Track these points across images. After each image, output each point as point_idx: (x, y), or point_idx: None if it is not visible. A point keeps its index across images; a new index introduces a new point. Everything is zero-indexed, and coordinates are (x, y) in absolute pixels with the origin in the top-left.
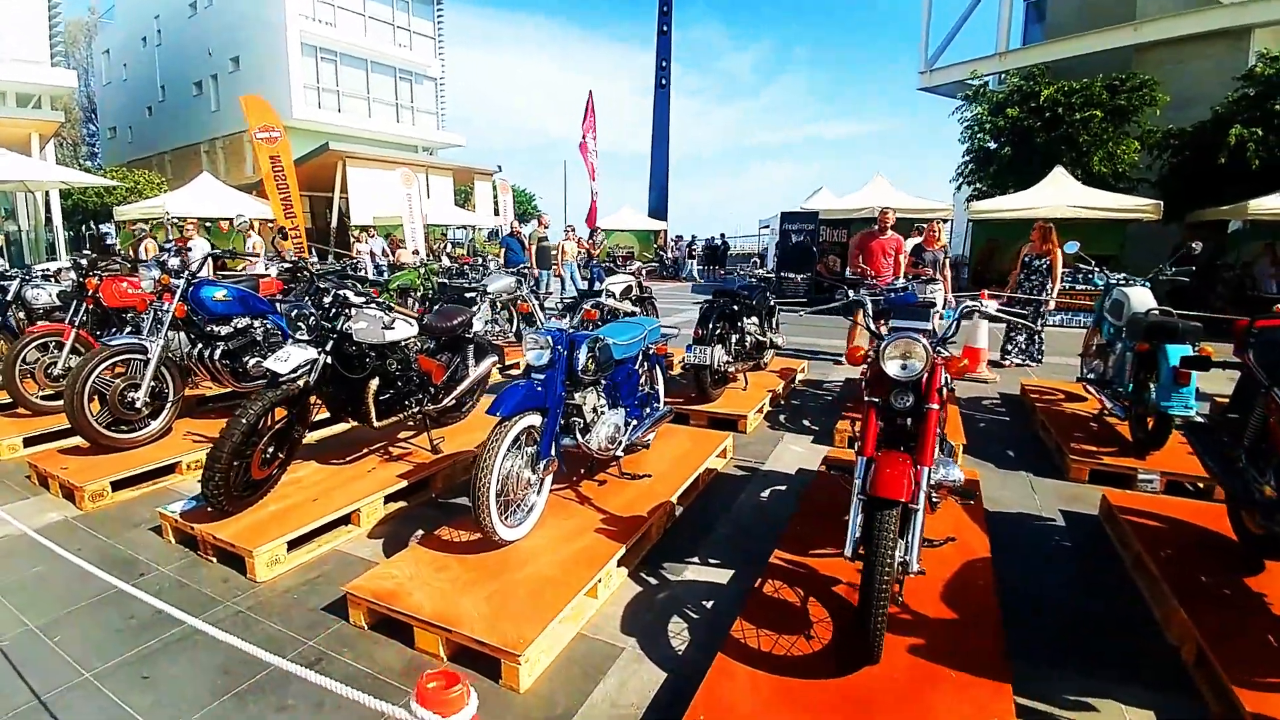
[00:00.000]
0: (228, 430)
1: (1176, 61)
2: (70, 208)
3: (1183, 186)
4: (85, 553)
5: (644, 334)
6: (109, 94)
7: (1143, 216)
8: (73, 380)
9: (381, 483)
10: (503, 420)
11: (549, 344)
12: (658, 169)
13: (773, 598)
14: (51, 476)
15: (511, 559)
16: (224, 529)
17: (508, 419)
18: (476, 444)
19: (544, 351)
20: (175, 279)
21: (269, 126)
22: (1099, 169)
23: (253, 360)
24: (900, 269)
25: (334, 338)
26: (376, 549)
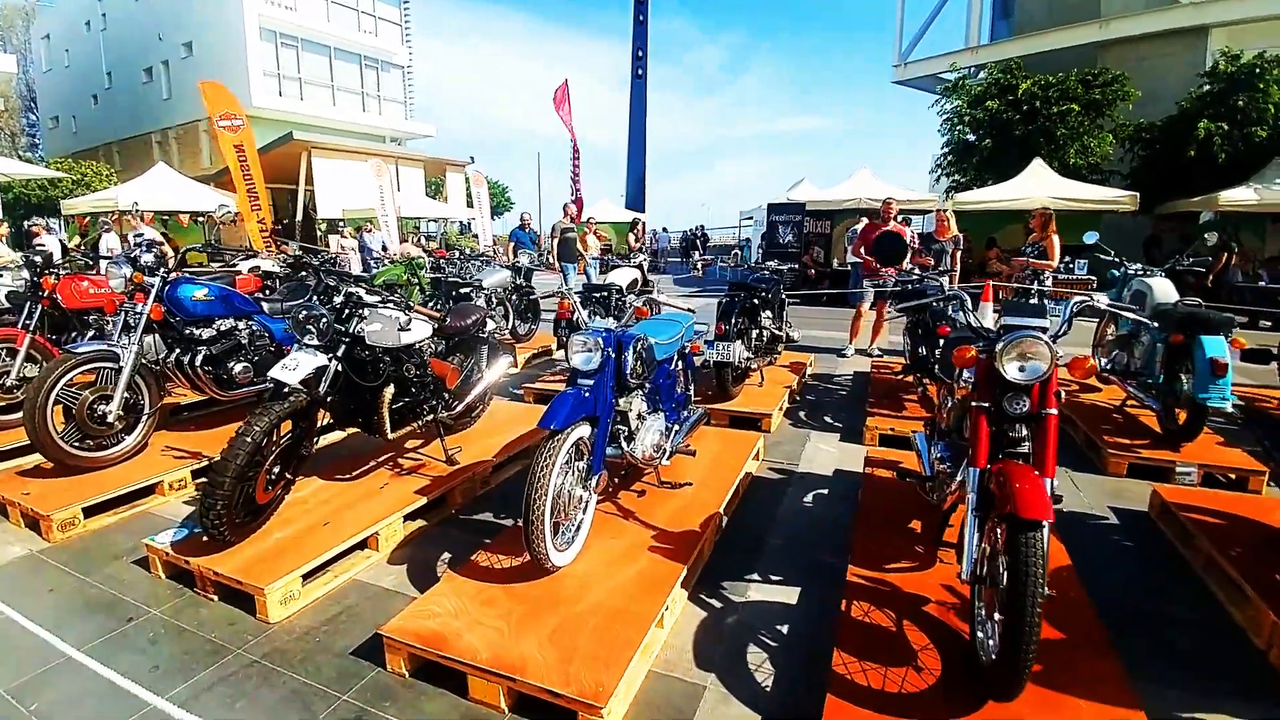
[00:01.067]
0: (230, 451)
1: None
2: (11, 201)
3: (1154, 179)
4: (59, 595)
5: (682, 332)
6: (50, 82)
7: (1119, 208)
8: (34, 392)
9: (398, 501)
10: (555, 433)
11: (599, 346)
12: (635, 161)
13: (863, 623)
14: (11, 504)
15: (565, 588)
16: (226, 562)
17: (560, 431)
18: (494, 452)
19: (593, 355)
20: (149, 277)
21: (231, 114)
22: (1075, 161)
23: (238, 366)
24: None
25: (346, 342)
26: (400, 577)
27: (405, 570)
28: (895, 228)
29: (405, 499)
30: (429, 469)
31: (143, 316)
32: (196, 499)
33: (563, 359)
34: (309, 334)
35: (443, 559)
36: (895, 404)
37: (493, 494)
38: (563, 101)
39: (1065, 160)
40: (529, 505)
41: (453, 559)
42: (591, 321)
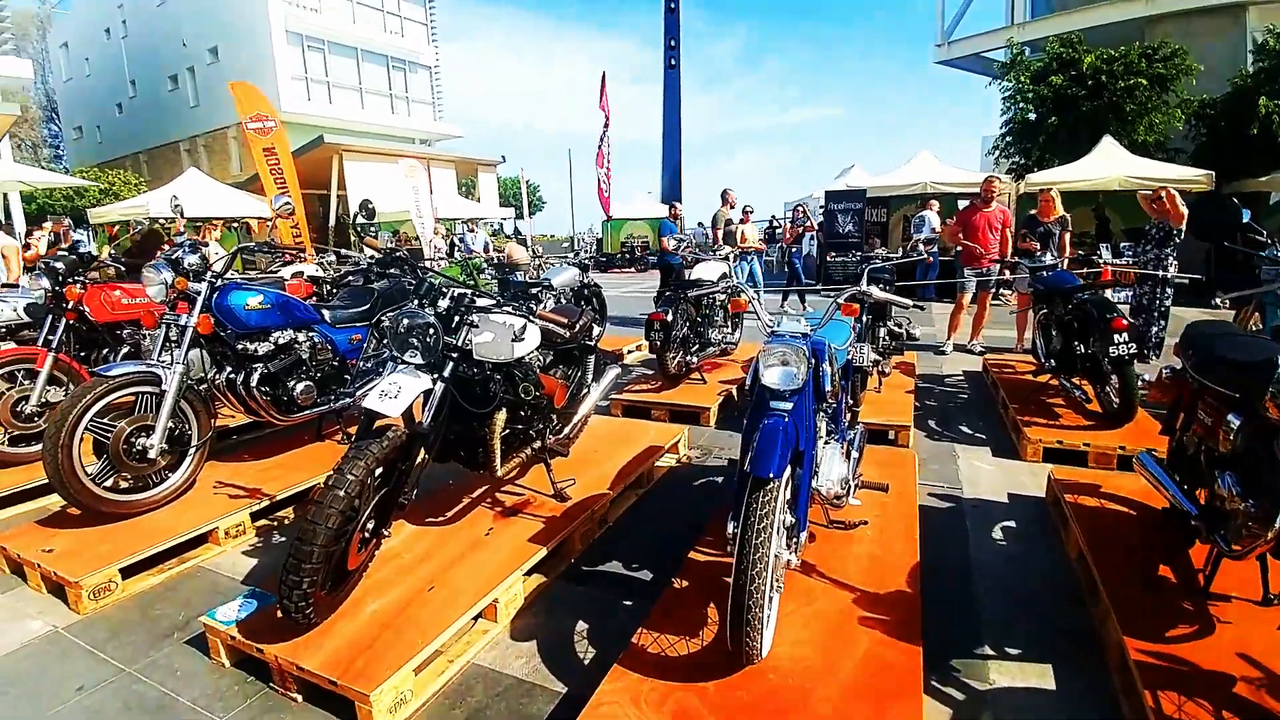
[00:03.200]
0: (319, 513)
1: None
2: (35, 213)
3: (1218, 157)
4: (91, 697)
5: (852, 336)
6: (71, 91)
7: (1195, 187)
8: (57, 425)
9: (512, 553)
10: (760, 482)
11: (803, 358)
12: (670, 153)
13: None
14: (29, 565)
15: (781, 690)
16: (312, 652)
17: (771, 480)
18: (608, 482)
19: (798, 369)
20: (194, 283)
21: (262, 115)
22: (1143, 138)
23: (300, 385)
24: (1008, 245)
25: (454, 358)
26: (531, 660)
27: (535, 649)
28: (999, 209)
29: (520, 550)
30: (534, 507)
31: (188, 330)
32: (258, 547)
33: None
34: (410, 349)
35: (579, 631)
36: (1044, 410)
37: (612, 536)
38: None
39: (1133, 137)
40: (745, 586)
41: (591, 630)
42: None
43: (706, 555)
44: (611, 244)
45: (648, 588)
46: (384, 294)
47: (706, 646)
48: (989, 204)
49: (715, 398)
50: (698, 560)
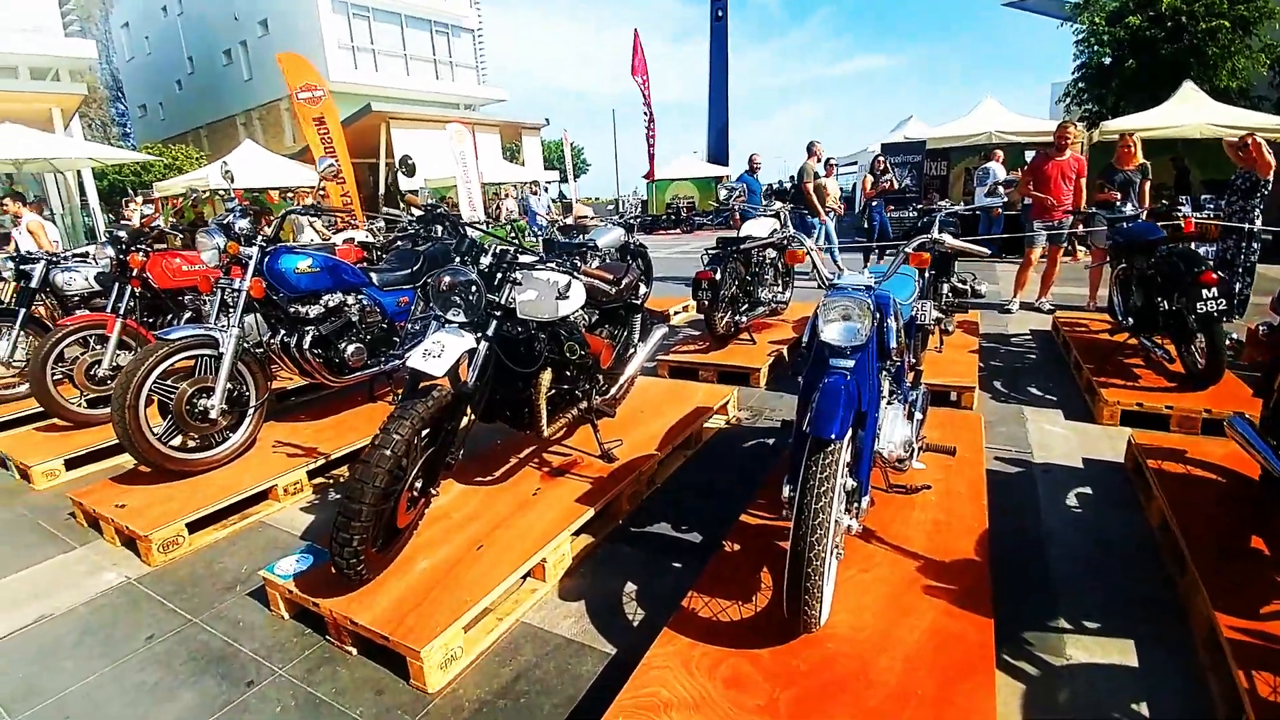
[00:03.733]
0: (367, 470)
1: None
2: (106, 189)
3: None
4: (161, 645)
5: (916, 290)
6: (134, 70)
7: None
8: (123, 387)
9: (560, 513)
10: (821, 443)
11: (868, 312)
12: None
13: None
14: (104, 519)
15: (838, 657)
16: (366, 607)
17: (833, 441)
18: (656, 443)
19: (861, 324)
20: (246, 247)
21: (311, 85)
22: (1225, 84)
23: (350, 347)
24: (1082, 195)
25: (497, 317)
26: (580, 620)
27: (584, 610)
28: (1073, 157)
29: (567, 511)
30: (581, 468)
31: (241, 293)
32: (315, 504)
33: (687, 328)
34: (453, 308)
35: (628, 592)
36: (1121, 371)
37: (660, 497)
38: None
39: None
40: (803, 552)
41: (640, 592)
42: (837, 275)
43: (759, 518)
44: (657, 205)
45: (697, 550)
46: (430, 257)
47: (760, 612)
48: (1063, 151)
49: (765, 359)
50: (750, 523)
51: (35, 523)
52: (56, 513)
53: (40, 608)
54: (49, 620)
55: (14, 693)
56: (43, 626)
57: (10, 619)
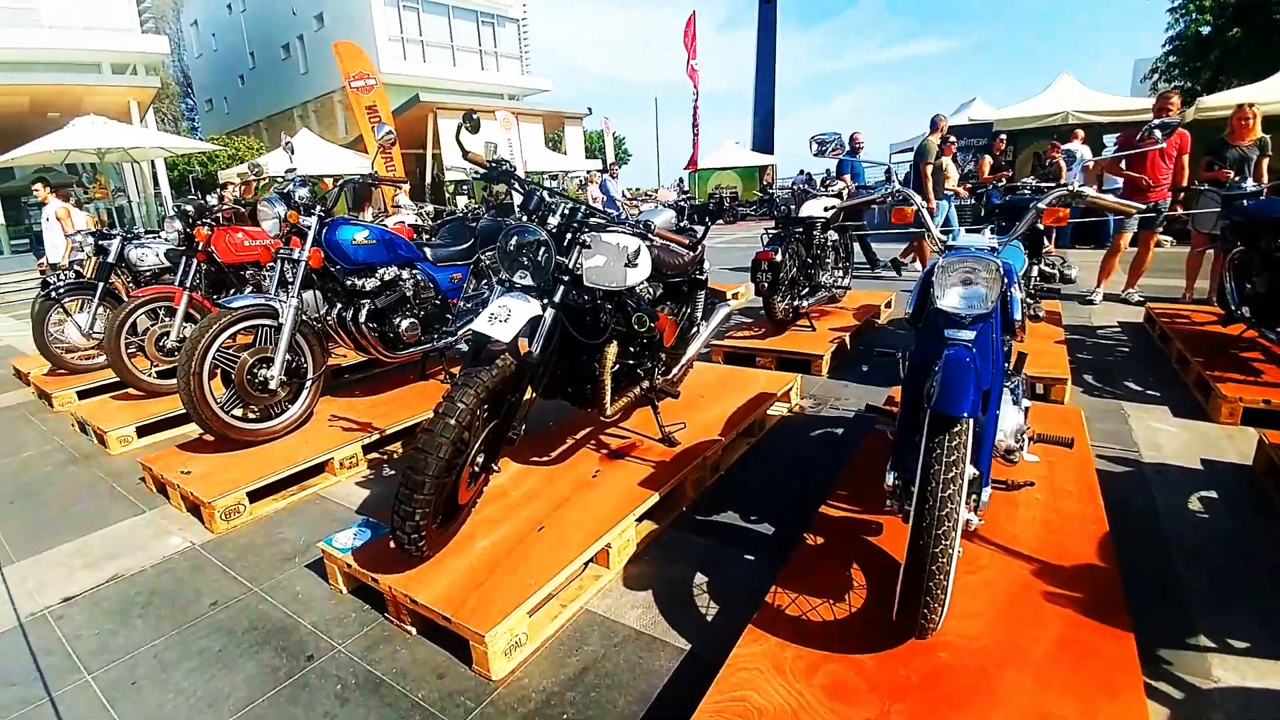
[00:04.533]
0: (429, 441)
1: None
2: (177, 179)
3: None
4: (223, 614)
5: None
6: (201, 66)
7: None
8: (188, 355)
9: (624, 497)
10: (954, 422)
11: (997, 275)
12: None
13: None
14: (170, 484)
15: (954, 667)
16: (426, 585)
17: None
18: (719, 428)
19: (988, 290)
20: (305, 217)
21: (364, 74)
22: None
23: (405, 322)
24: (1184, 174)
25: (565, 281)
26: (648, 611)
27: (651, 600)
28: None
29: (631, 494)
30: (641, 450)
31: (300, 264)
32: (370, 479)
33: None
34: (520, 269)
35: (698, 584)
36: (1238, 366)
37: (725, 484)
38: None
39: None
40: (927, 548)
41: (711, 584)
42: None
43: (841, 511)
44: (699, 195)
45: (769, 542)
46: (483, 233)
47: (854, 613)
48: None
49: (828, 345)
50: (831, 516)
51: (110, 486)
52: (129, 476)
53: (114, 567)
54: (122, 580)
55: (91, 648)
56: (117, 585)
57: (89, 576)
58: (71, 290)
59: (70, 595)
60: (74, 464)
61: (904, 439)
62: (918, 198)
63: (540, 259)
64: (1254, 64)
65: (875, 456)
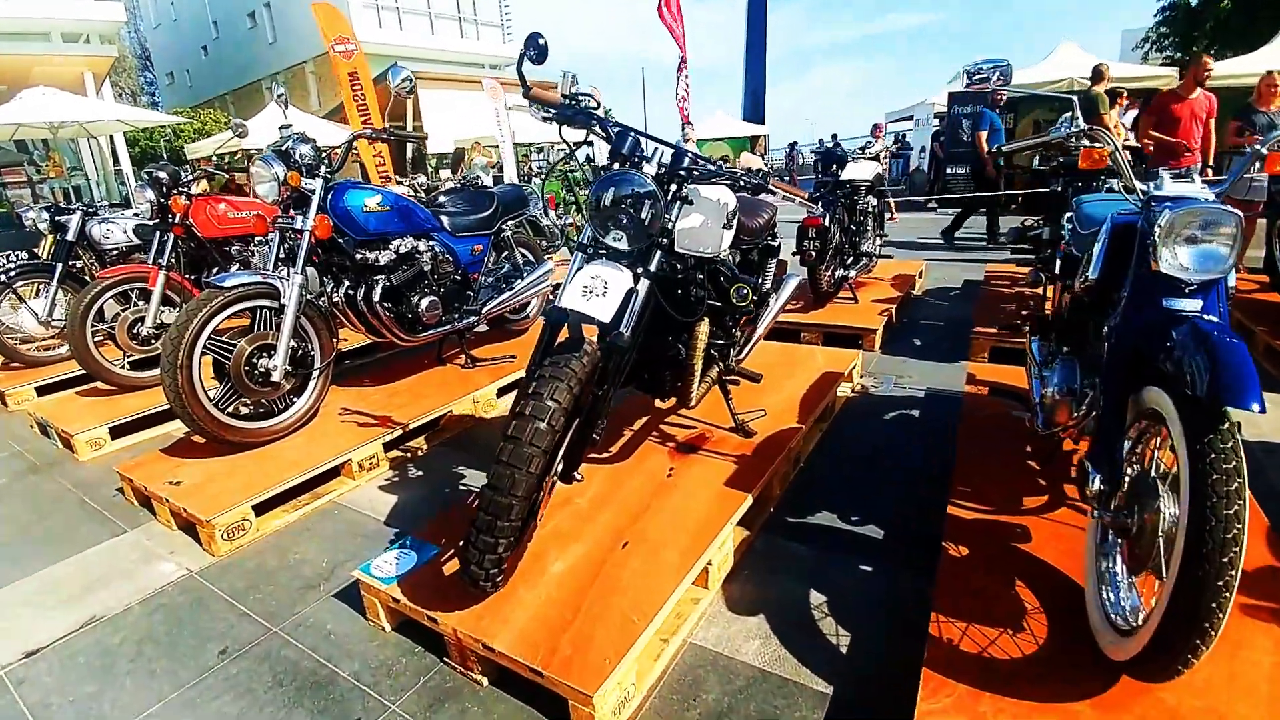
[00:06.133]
0: (518, 452)
1: None
2: (138, 155)
3: None
4: (237, 665)
5: None
6: (160, 37)
7: None
8: (174, 344)
9: (717, 504)
10: (1222, 417)
11: (1237, 229)
12: (754, 69)
13: None
14: (157, 498)
15: (1178, 708)
16: (501, 628)
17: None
18: (796, 414)
19: (1228, 249)
20: (308, 180)
21: (344, 38)
22: None
23: (425, 300)
24: (1210, 141)
25: (663, 245)
26: (765, 641)
27: (765, 626)
28: (1206, 96)
29: (719, 498)
30: (713, 443)
31: (305, 234)
32: (394, 481)
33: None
34: (616, 229)
35: (815, 604)
36: None
37: (808, 478)
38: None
39: None
40: (1210, 572)
41: (831, 604)
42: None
43: (973, 512)
44: None
45: (883, 549)
46: (504, 200)
47: (1040, 646)
48: (1193, 90)
49: (878, 318)
50: (965, 520)
51: (80, 500)
52: (102, 488)
53: (92, 606)
54: (102, 622)
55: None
56: (96, 631)
57: (59, 619)
58: (24, 273)
59: (35, 648)
60: (34, 474)
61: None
62: (1113, 137)
63: (645, 216)
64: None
65: (985, 445)
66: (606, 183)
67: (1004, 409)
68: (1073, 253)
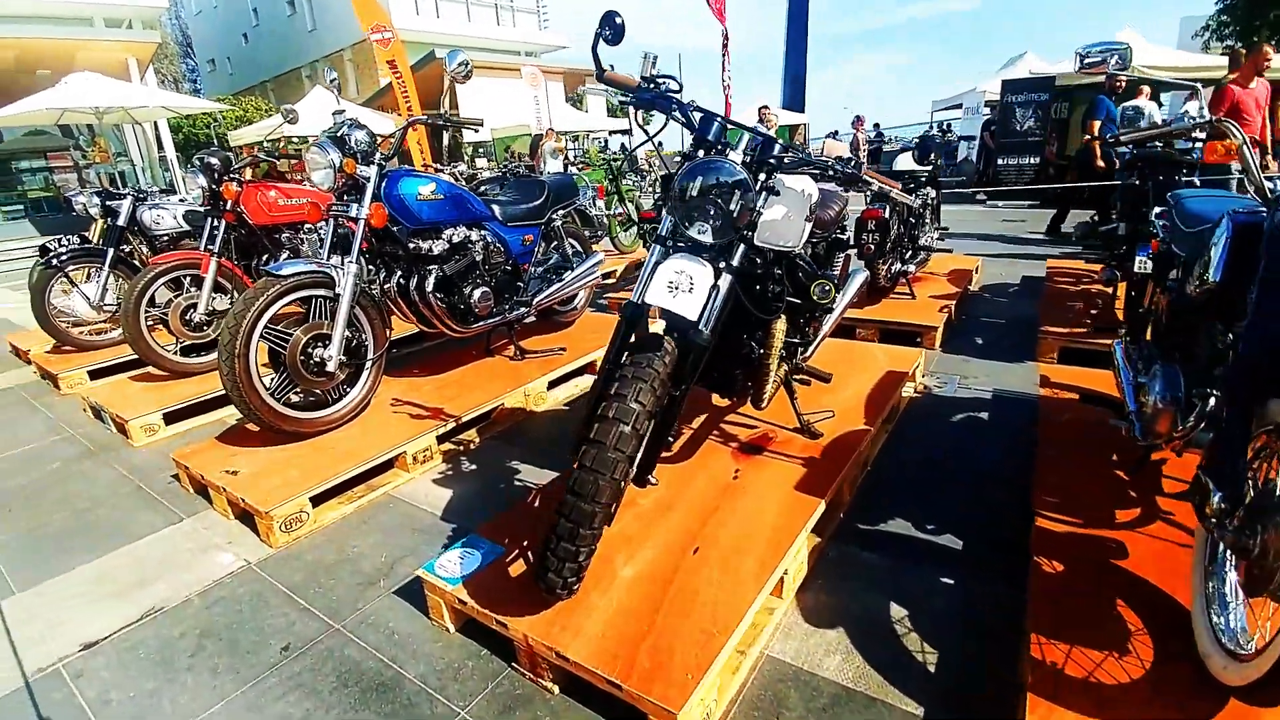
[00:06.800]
0: (602, 458)
1: None
2: (181, 142)
3: None
4: (301, 662)
5: None
6: (201, 24)
7: None
8: (232, 332)
9: (783, 504)
10: None
11: None
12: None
13: None
14: (214, 487)
15: None
16: (575, 639)
17: None
18: (862, 414)
19: None
20: (364, 166)
21: (381, 26)
22: None
23: (477, 291)
24: (1266, 130)
25: (746, 238)
26: (847, 656)
27: (845, 640)
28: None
29: (791, 502)
30: (778, 444)
31: (360, 222)
32: (448, 475)
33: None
34: (702, 221)
35: (896, 618)
36: None
37: (877, 482)
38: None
39: None
40: None
41: (912, 617)
42: None
43: (1063, 525)
44: None
45: (964, 561)
46: (555, 189)
47: (1148, 669)
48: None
49: (938, 315)
50: (1054, 533)
51: (136, 486)
52: (157, 474)
53: (150, 597)
54: (161, 615)
55: (125, 717)
56: (155, 623)
57: (118, 610)
58: (76, 257)
59: (93, 640)
60: (89, 458)
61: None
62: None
63: (734, 208)
64: None
65: (1067, 453)
66: (693, 171)
67: (1086, 415)
68: (1172, 251)
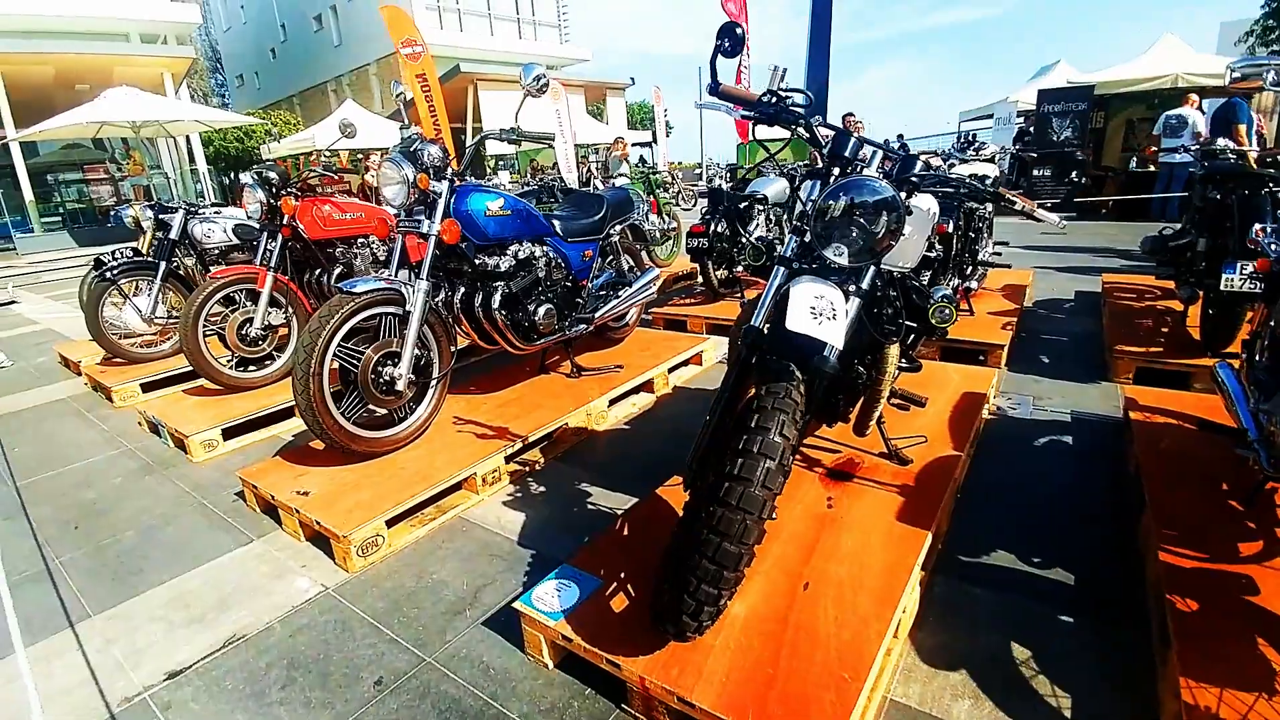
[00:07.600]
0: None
1: None
2: (212, 155)
3: None
4: (397, 701)
5: None
6: (231, 40)
7: None
8: (306, 354)
9: (888, 537)
10: None
11: None
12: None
13: None
14: (286, 509)
15: None
16: (698, 683)
17: None
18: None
19: None
20: (436, 181)
21: (411, 40)
22: None
23: (541, 308)
24: None
25: (877, 262)
26: (975, 701)
27: (972, 684)
28: None
29: (894, 535)
30: (867, 470)
31: (431, 238)
32: (517, 497)
33: None
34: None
35: (1019, 660)
36: None
37: (968, 509)
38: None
39: None
40: None
41: (1040, 660)
42: None
43: (1190, 561)
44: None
45: (1078, 597)
46: (612, 203)
47: None
48: None
49: (1003, 333)
50: (1183, 569)
51: (200, 504)
52: (220, 492)
53: (230, 623)
54: (244, 642)
55: None
56: (239, 651)
57: (200, 637)
58: (128, 270)
59: (177, 668)
60: (150, 474)
61: None
62: None
63: (878, 229)
64: None
65: (1175, 482)
66: (837, 190)
67: (1187, 440)
68: None
